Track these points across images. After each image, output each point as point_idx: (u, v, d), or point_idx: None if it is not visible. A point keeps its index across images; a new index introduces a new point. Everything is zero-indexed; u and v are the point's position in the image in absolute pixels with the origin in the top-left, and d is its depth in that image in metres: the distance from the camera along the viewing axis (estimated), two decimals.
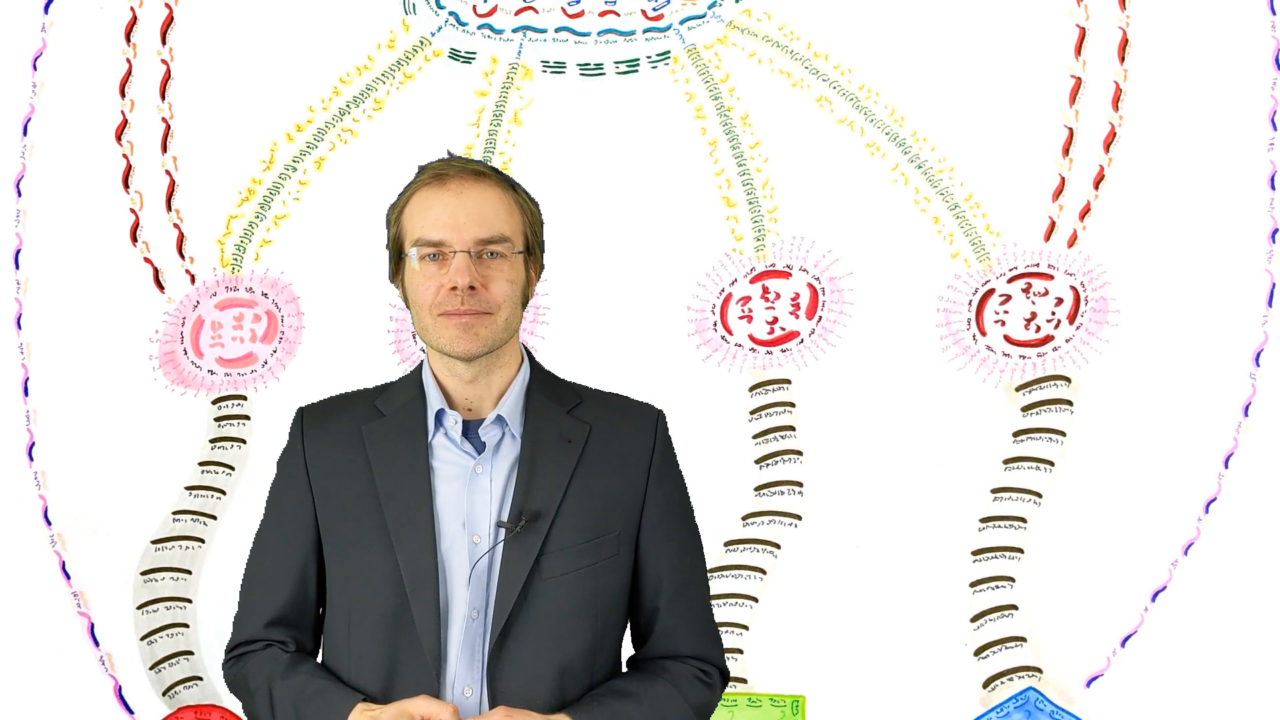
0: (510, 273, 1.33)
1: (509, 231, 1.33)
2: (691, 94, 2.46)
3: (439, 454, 1.35)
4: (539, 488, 1.33)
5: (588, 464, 1.36)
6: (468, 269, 1.29)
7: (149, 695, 2.43)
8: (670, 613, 1.42)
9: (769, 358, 2.45)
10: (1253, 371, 2.36)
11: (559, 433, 1.37)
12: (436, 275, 1.31)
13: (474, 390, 1.36)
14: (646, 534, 1.40)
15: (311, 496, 1.37)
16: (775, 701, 2.40)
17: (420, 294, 1.32)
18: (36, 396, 2.45)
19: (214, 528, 2.45)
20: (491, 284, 1.31)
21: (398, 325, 2.46)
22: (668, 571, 1.42)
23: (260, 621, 1.39)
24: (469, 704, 1.30)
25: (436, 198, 1.32)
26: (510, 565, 1.30)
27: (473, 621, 1.30)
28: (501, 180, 1.37)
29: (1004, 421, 2.41)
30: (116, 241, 2.46)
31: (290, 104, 2.47)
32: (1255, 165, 2.37)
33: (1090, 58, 2.40)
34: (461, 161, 1.37)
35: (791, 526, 2.42)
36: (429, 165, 1.37)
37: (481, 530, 1.32)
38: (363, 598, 1.33)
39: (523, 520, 1.31)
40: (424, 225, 1.32)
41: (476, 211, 1.31)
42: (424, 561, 1.30)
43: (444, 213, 1.31)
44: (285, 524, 1.40)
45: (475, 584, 1.31)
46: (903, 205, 2.42)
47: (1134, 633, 2.37)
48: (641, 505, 1.40)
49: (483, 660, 1.30)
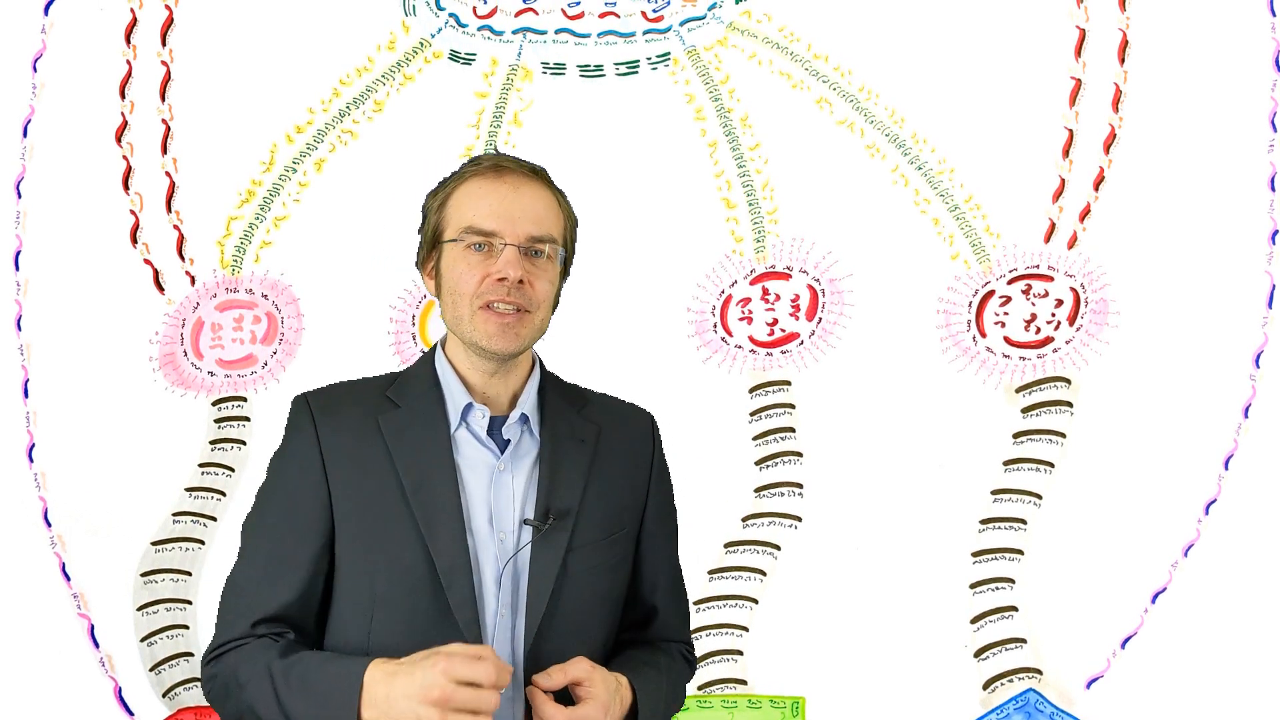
0: (551, 273, 1.35)
1: (556, 233, 1.35)
2: (691, 95, 2.46)
3: (461, 448, 1.34)
4: (562, 486, 1.34)
5: (600, 463, 1.38)
6: (518, 262, 1.30)
7: (149, 697, 2.42)
8: (666, 608, 1.46)
9: (769, 359, 2.45)
10: (1253, 373, 2.36)
11: (573, 432, 1.38)
12: (483, 265, 1.31)
13: (494, 386, 1.37)
14: (647, 532, 1.44)
15: (327, 486, 1.32)
16: (775, 703, 2.40)
17: (463, 282, 1.32)
18: (36, 398, 2.44)
19: (214, 529, 2.45)
20: (536, 282, 1.32)
21: (397, 327, 2.46)
22: (664, 570, 1.46)
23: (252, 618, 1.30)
24: (504, 701, 1.27)
25: (492, 189, 1.33)
26: (540, 563, 1.31)
27: (502, 620, 1.30)
28: (552, 184, 1.39)
29: (1004, 423, 2.41)
30: (116, 243, 2.46)
31: (290, 105, 2.47)
32: (1255, 167, 2.37)
33: (1090, 59, 2.40)
34: (517, 159, 1.38)
35: (792, 528, 2.42)
36: (483, 157, 1.38)
37: (507, 528, 1.32)
38: (391, 592, 1.29)
39: (551, 519, 1.31)
40: (476, 214, 1.32)
41: (531, 208, 1.33)
42: (458, 555, 1.28)
43: (499, 204, 1.32)
44: (295, 515, 1.32)
45: (505, 583, 1.30)
46: (903, 207, 2.42)
47: (1134, 634, 2.37)
48: (644, 506, 1.43)
49: (515, 658, 1.30)
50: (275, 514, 1.35)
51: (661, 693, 1.38)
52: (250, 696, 1.25)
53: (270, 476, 1.38)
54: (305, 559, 1.31)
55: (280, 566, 1.32)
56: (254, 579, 1.33)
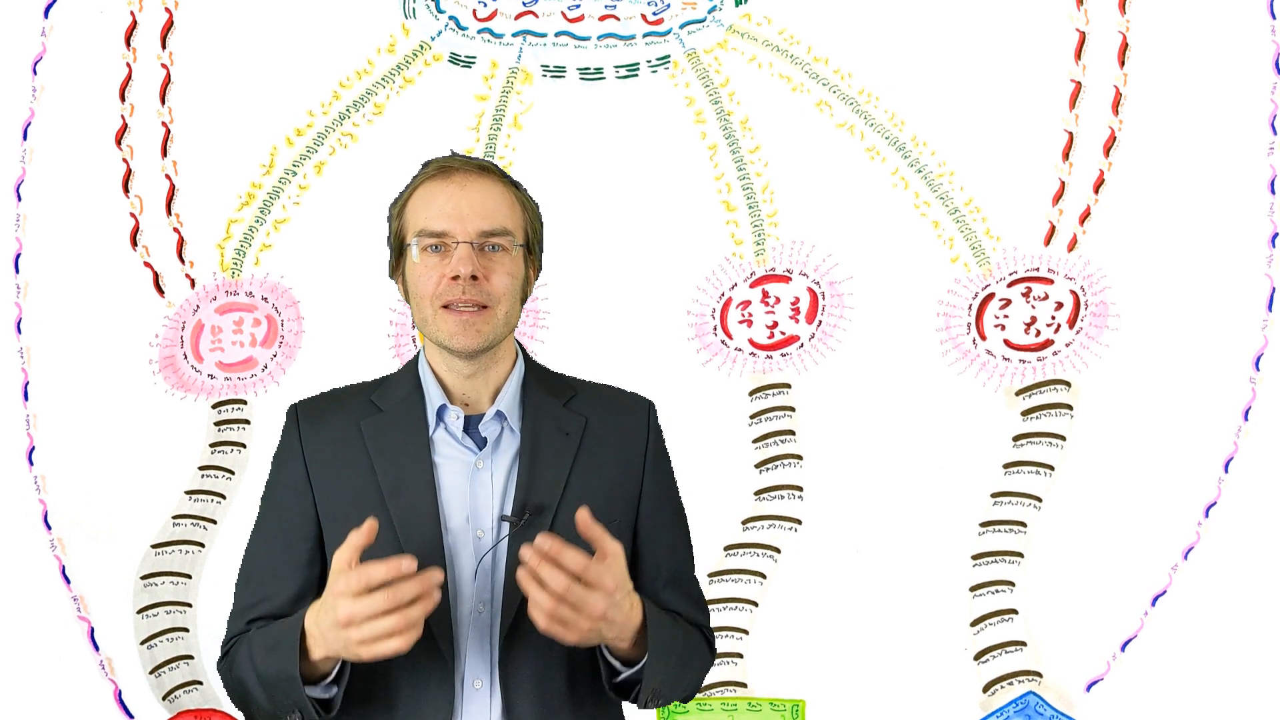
0: (511, 266, 1.35)
1: (511, 225, 1.35)
2: (691, 98, 2.46)
3: (440, 449, 1.36)
4: (540, 481, 1.35)
5: (586, 456, 1.38)
6: (470, 259, 1.31)
7: (149, 700, 2.42)
8: (672, 598, 1.45)
9: (769, 362, 2.45)
10: (1253, 376, 2.36)
11: (557, 426, 1.39)
12: (438, 266, 1.33)
13: (472, 385, 1.38)
14: (644, 522, 1.43)
15: (312, 492, 1.37)
16: (775, 706, 2.40)
17: (421, 285, 1.34)
18: (36, 401, 2.44)
19: (214, 532, 2.45)
20: (493, 276, 1.33)
21: (397, 330, 2.46)
22: (665, 558, 1.45)
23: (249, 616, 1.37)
24: (480, 695, 1.30)
25: (440, 190, 1.34)
26: (516, 559, 1.29)
27: (479, 615, 1.31)
28: (504, 177, 1.39)
29: (1004, 426, 2.41)
30: (116, 246, 2.46)
31: (290, 108, 2.47)
32: (1255, 169, 2.37)
33: (1090, 62, 2.40)
34: (465, 158, 1.39)
35: (791, 531, 2.42)
36: (433, 160, 1.39)
37: (485, 525, 1.33)
38: None
39: (526, 514, 1.32)
40: (427, 216, 1.34)
41: (480, 203, 1.34)
42: (431, 556, 1.30)
43: (448, 204, 1.33)
44: (285, 520, 1.38)
45: (481, 578, 1.32)
46: (903, 209, 2.42)
47: (1134, 637, 2.37)
48: (639, 495, 1.43)
49: (492, 652, 1.31)
50: (270, 520, 1.41)
51: (677, 642, 1.36)
52: (239, 670, 1.32)
53: (266, 485, 1.43)
54: (299, 561, 1.37)
55: (274, 571, 1.38)
56: (258, 577, 1.39)
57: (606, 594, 1.19)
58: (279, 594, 1.36)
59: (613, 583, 1.20)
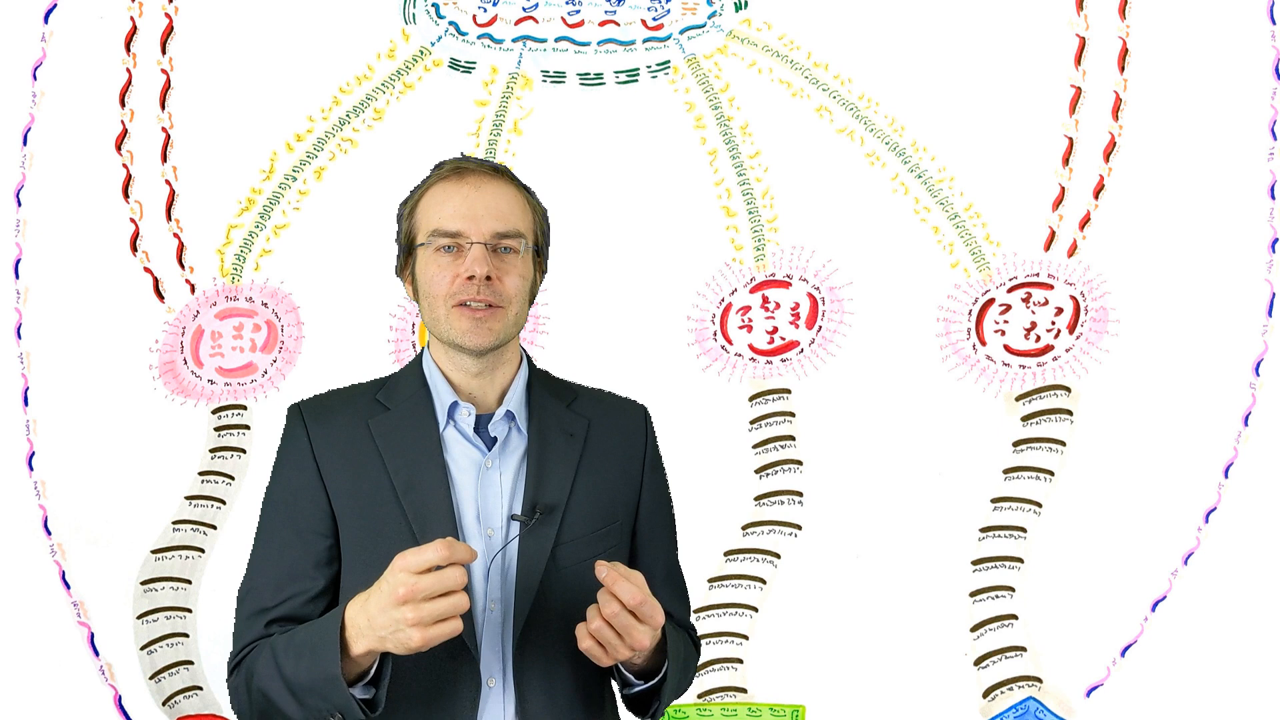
0: (522, 268, 1.37)
1: (523, 228, 1.37)
2: (691, 104, 2.46)
3: (450, 447, 1.37)
4: (549, 481, 1.36)
5: (590, 457, 1.40)
6: (485, 259, 1.32)
7: (149, 705, 2.42)
8: (664, 595, 1.45)
9: (769, 367, 2.45)
10: (1253, 381, 2.36)
11: (561, 427, 1.40)
12: (452, 265, 1.34)
13: (479, 384, 1.39)
14: (642, 523, 1.46)
15: (325, 491, 1.35)
16: (775, 711, 2.40)
17: (434, 284, 1.34)
18: (36, 406, 2.44)
19: (214, 537, 2.45)
20: (505, 277, 1.34)
21: (397, 335, 2.46)
22: (660, 559, 1.48)
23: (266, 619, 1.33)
24: (492, 693, 1.31)
25: (455, 190, 1.36)
26: (528, 558, 1.32)
27: (490, 614, 1.32)
28: (515, 180, 1.41)
29: (1004, 431, 2.41)
30: (116, 251, 2.46)
31: (290, 113, 2.47)
32: (1255, 175, 2.37)
33: (1090, 67, 2.41)
34: (479, 160, 1.41)
35: (791, 536, 2.42)
36: (446, 162, 1.40)
37: (495, 524, 1.34)
38: None
39: (538, 513, 1.33)
40: (441, 216, 1.35)
41: (494, 205, 1.35)
42: None
43: (463, 205, 1.34)
44: (301, 520, 1.36)
45: (492, 577, 1.32)
46: (903, 215, 2.42)
47: (1134, 642, 2.37)
48: (638, 497, 1.45)
49: (504, 651, 1.32)
50: (280, 522, 1.38)
51: (680, 649, 1.40)
52: (260, 682, 1.28)
53: (270, 488, 1.41)
54: (318, 562, 1.35)
55: (290, 572, 1.35)
56: (267, 585, 1.36)
57: (654, 630, 1.24)
58: (301, 594, 1.34)
59: (662, 618, 1.24)
